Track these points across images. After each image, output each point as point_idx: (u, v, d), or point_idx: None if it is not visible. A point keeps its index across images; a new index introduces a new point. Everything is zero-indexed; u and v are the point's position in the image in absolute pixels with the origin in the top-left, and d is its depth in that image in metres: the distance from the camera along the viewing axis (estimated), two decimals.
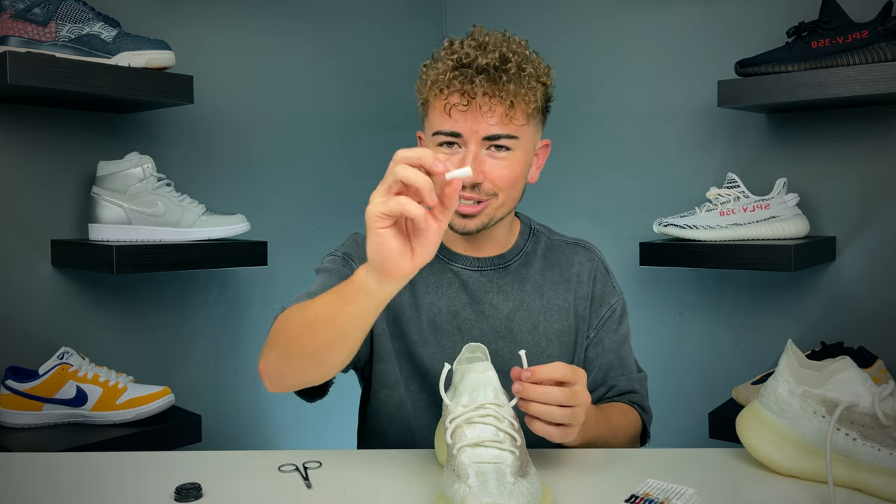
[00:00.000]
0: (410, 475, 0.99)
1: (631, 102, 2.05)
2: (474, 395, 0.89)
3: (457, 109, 1.10)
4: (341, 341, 0.93)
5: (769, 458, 1.00)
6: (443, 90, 1.12)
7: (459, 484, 0.82)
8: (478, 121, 1.10)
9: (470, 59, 1.10)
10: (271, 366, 1.02)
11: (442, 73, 1.11)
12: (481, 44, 1.12)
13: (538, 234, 1.31)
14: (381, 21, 2.23)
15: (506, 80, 1.09)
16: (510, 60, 1.10)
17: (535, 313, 1.23)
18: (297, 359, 0.98)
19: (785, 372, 1.00)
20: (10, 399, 1.45)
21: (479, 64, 1.09)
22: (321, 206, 2.10)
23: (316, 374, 1.00)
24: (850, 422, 0.93)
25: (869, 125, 1.71)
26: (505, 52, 1.10)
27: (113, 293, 1.70)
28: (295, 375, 1.01)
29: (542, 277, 1.26)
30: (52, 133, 1.59)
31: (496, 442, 0.85)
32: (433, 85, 1.13)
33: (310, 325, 0.95)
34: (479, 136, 1.11)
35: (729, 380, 1.87)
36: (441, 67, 1.12)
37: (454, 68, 1.11)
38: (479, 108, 1.10)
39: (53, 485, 0.97)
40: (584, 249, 1.31)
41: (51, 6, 1.42)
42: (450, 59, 1.12)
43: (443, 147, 1.14)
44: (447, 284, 1.23)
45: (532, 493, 0.82)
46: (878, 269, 1.72)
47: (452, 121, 1.11)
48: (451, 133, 1.12)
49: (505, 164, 1.13)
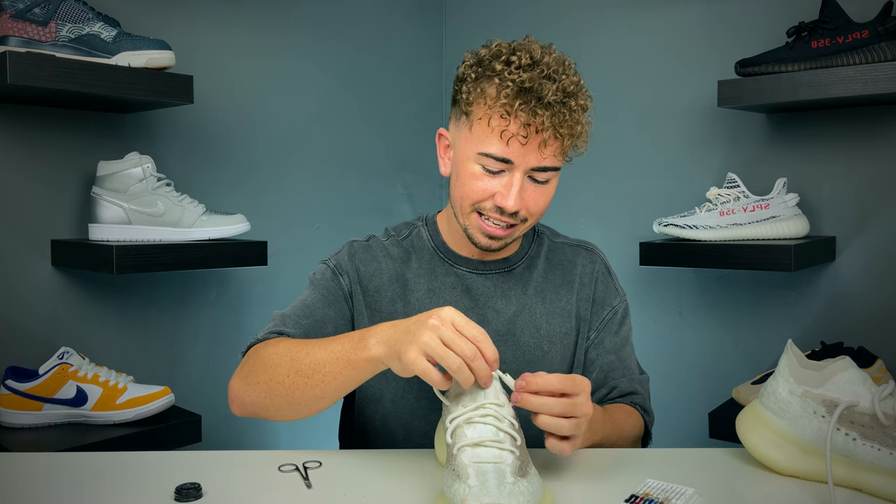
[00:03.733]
0: (410, 475, 0.99)
1: (631, 102, 2.05)
2: (474, 395, 0.89)
3: (515, 139, 1.07)
4: (336, 395, 1.00)
5: (769, 458, 1.00)
6: (504, 116, 1.07)
7: (459, 483, 0.82)
8: (533, 153, 1.08)
9: (533, 86, 1.06)
10: (248, 398, 1.06)
11: (506, 98, 1.06)
12: (537, 63, 1.08)
13: (542, 235, 1.30)
14: (381, 21, 2.23)
15: (567, 118, 1.07)
16: (572, 95, 1.08)
17: (537, 316, 1.22)
18: (281, 401, 1.03)
19: (785, 372, 1.00)
20: (10, 399, 1.45)
21: (546, 98, 1.05)
22: (321, 206, 2.10)
23: (297, 416, 1.04)
24: (850, 422, 0.93)
25: (869, 125, 1.71)
26: (567, 85, 1.08)
27: (113, 293, 1.70)
28: (273, 413, 1.05)
29: (544, 280, 1.25)
30: (52, 133, 1.59)
31: (496, 442, 0.85)
32: (494, 104, 1.07)
33: (305, 376, 1.00)
34: (528, 166, 1.09)
35: (729, 380, 1.87)
36: (498, 87, 1.07)
37: (518, 93, 1.06)
38: (544, 142, 1.07)
39: (53, 485, 0.97)
40: (587, 251, 1.30)
41: (51, 6, 1.42)
42: (511, 82, 1.06)
43: (484, 168, 1.10)
44: (450, 289, 1.22)
45: (532, 493, 0.82)
46: (878, 269, 1.72)
47: (508, 149, 1.08)
48: (503, 160, 1.09)
49: (543, 192, 1.13)
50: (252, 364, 1.07)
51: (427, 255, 1.25)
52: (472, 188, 1.12)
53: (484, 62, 1.11)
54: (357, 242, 1.27)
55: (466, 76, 1.12)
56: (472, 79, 1.11)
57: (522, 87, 1.06)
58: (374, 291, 1.23)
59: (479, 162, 1.10)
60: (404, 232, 1.28)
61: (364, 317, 1.22)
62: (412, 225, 1.30)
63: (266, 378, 1.03)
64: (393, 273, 1.23)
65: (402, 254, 1.26)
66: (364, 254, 1.25)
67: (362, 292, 1.22)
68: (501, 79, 1.07)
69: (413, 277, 1.23)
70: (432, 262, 1.24)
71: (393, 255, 1.25)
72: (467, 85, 1.12)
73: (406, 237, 1.28)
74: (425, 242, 1.26)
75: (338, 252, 1.26)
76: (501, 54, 1.10)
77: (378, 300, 1.22)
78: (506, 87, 1.06)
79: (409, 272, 1.24)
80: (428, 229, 1.28)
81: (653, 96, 2.01)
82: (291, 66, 2.01)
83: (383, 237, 1.29)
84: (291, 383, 1.01)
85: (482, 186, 1.11)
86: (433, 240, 1.26)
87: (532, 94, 1.06)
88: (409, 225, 1.30)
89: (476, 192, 1.12)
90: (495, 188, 1.10)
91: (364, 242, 1.27)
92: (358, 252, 1.25)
